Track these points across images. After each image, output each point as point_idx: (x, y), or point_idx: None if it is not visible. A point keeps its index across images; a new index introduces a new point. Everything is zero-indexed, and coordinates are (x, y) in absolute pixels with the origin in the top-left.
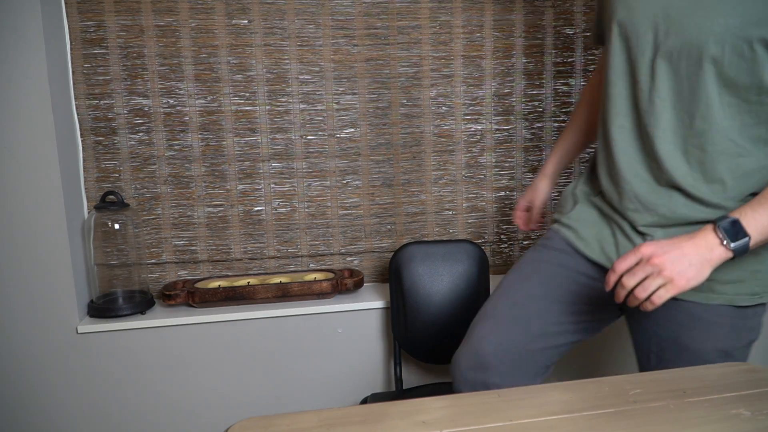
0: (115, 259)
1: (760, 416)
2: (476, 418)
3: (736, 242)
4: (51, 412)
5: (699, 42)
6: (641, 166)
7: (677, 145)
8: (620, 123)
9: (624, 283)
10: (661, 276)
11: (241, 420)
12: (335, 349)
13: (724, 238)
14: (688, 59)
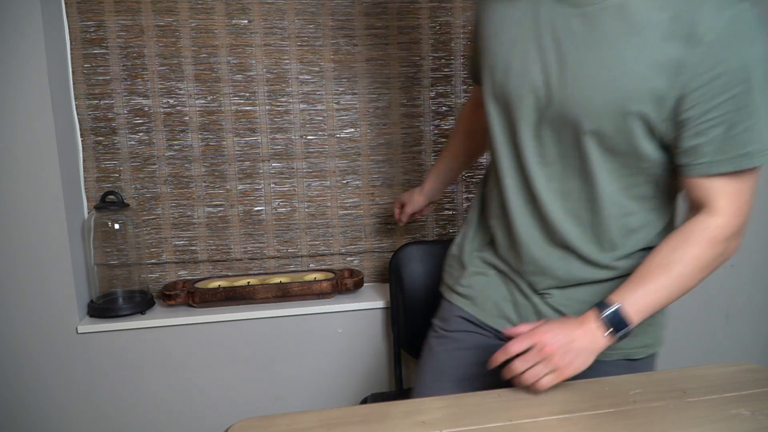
0: (115, 259)
1: (760, 416)
2: (476, 418)
3: (619, 332)
4: (51, 412)
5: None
6: (536, 230)
7: (567, 209)
8: (510, 184)
9: (514, 368)
10: (550, 364)
11: (241, 420)
12: (335, 349)
13: (608, 329)
14: (571, 129)
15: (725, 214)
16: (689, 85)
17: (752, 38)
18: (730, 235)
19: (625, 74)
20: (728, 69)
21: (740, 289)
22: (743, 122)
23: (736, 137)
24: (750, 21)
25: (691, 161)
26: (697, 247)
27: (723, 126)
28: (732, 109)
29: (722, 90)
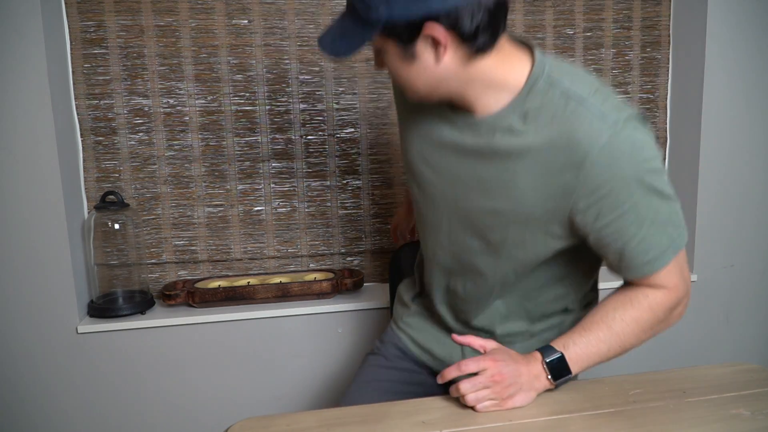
0: (115, 259)
1: (760, 416)
2: (476, 418)
3: (558, 380)
4: (51, 412)
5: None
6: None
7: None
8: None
9: (462, 388)
10: (494, 392)
11: (241, 420)
12: (335, 349)
13: (549, 374)
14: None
15: (664, 288)
16: (578, 206)
17: (630, 157)
18: (672, 305)
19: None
20: (611, 190)
21: (740, 289)
22: (636, 236)
23: (633, 250)
24: (627, 141)
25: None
26: (638, 310)
27: (619, 241)
28: (623, 225)
29: (610, 209)
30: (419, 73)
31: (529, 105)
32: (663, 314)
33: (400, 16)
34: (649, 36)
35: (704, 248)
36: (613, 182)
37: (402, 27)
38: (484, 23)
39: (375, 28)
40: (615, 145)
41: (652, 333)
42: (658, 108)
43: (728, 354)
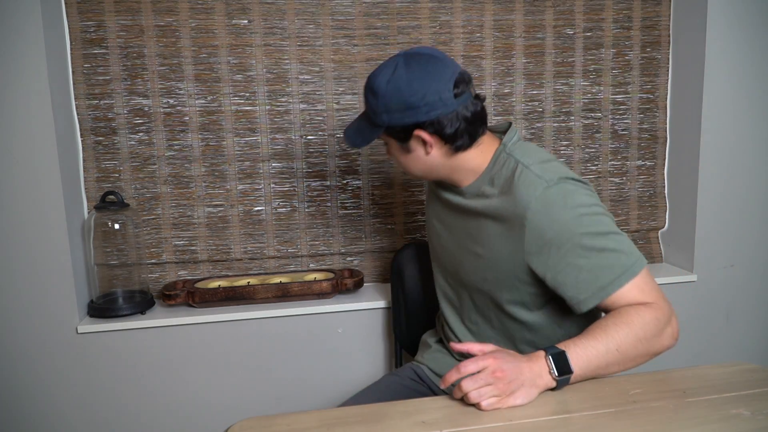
0: (115, 259)
1: (760, 416)
2: (476, 418)
3: (561, 376)
4: (51, 412)
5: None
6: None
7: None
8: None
9: (465, 386)
10: (497, 389)
11: (241, 420)
12: (335, 349)
13: (552, 369)
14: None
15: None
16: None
17: (563, 204)
18: (661, 319)
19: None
20: (554, 233)
21: (740, 289)
22: (584, 267)
23: (586, 280)
24: (558, 192)
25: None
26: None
27: (573, 273)
28: (570, 261)
29: (557, 249)
30: (415, 162)
31: (494, 172)
32: (655, 328)
33: (397, 123)
34: (649, 36)
35: (704, 248)
36: (553, 226)
37: (398, 130)
38: (461, 129)
39: (380, 129)
40: (548, 196)
41: (647, 348)
42: (658, 108)
43: (728, 354)
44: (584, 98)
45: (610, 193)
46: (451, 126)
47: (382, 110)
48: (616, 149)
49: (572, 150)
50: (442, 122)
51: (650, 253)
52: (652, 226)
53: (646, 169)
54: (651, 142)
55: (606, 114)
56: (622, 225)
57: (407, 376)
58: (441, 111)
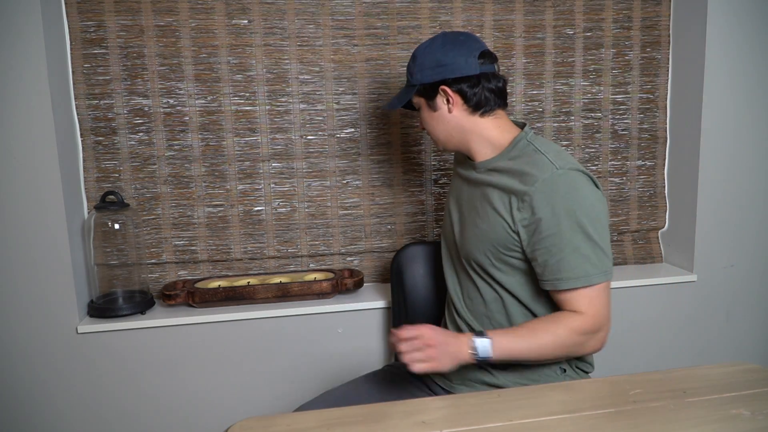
0: (115, 259)
1: (760, 416)
2: (476, 418)
3: (480, 358)
4: (51, 412)
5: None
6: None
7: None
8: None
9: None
10: (425, 355)
11: (241, 420)
12: (335, 349)
13: (473, 350)
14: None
15: (586, 313)
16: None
17: (566, 194)
18: (589, 330)
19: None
20: (546, 215)
21: (740, 289)
22: (555, 256)
23: (552, 266)
24: (566, 181)
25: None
26: (561, 329)
27: (544, 256)
28: (548, 245)
29: (540, 230)
30: (439, 121)
31: (513, 154)
32: (580, 337)
33: (427, 80)
34: (649, 36)
35: (704, 248)
36: (548, 209)
37: (427, 87)
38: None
39: (414, 89)
40: (555, 181)
41: (567, 351)
42: (658, 108)
43: (728, 354)
44: (584, 98)
45: (610, 193)
46: (472, 87)
47: (417, 70)
48: (616, 149)
49: (572, 150)
50: (464, 81)
51: (650, 253)
52: (652, 226)
53: (646, 169)
54: (651, 142)
55: (606, 114)
56: (622, 225)
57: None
58: (465, 72)
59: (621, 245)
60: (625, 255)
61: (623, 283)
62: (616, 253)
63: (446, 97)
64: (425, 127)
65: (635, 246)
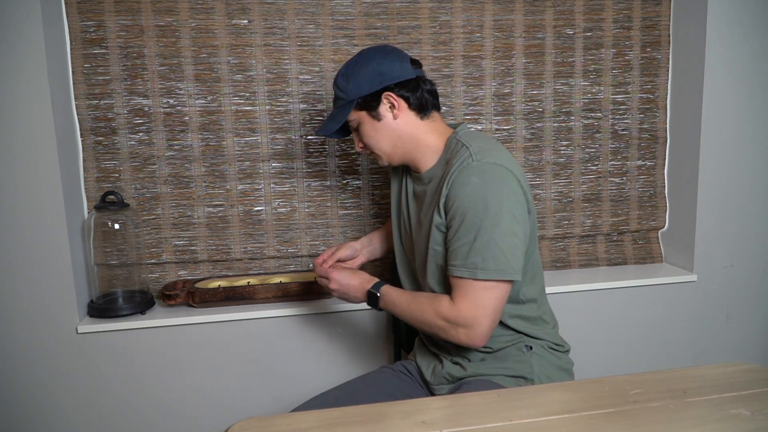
0: (115, 259)
1: (760, 416)
2: (476, 418)
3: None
4: (50, 412)
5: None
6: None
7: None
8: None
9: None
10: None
11: (241, 420)
12: (335, 349)
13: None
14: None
15: (456, 303)
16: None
17: (477, 185)
18: (452, 321)
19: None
20: (453, 204)
21: (740, 289)
22: (455, 243)
23: (450, 252)
24: (480, 173)
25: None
26: (429, 306)
27: (448, 242)
28: (452, 232)
29: (453, 215)
30: (384, 131)
31: (447, 156)
32: (441, 322)
33: (367, 91)
34: (649, 36)
35: (704, 248)
36: (460, 196)
37: (369, 98)
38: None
39: (351, 104)
40: (470, 170)
41: (432, 330)
42: (658, 108)
43: (728, 354)
44: (584, 98)
45: (610, 193)
46: (413, 91)
47: (352, 85)
48: (616, 149)
49: (572, 150)
50: (404, 86)
51: (650, 253)
52: (652, 226)
53: (646, 169)
54: (651, 142)
55: (606, 114)
56: (622, 225)
57: (399, 371)
58: (404, 76)
59: (621, 245)
60: (625, 255)
61: (623, 283)
62: (616, 253)
63: (390, 104)
64: (367, 143)
65: (635, 246)
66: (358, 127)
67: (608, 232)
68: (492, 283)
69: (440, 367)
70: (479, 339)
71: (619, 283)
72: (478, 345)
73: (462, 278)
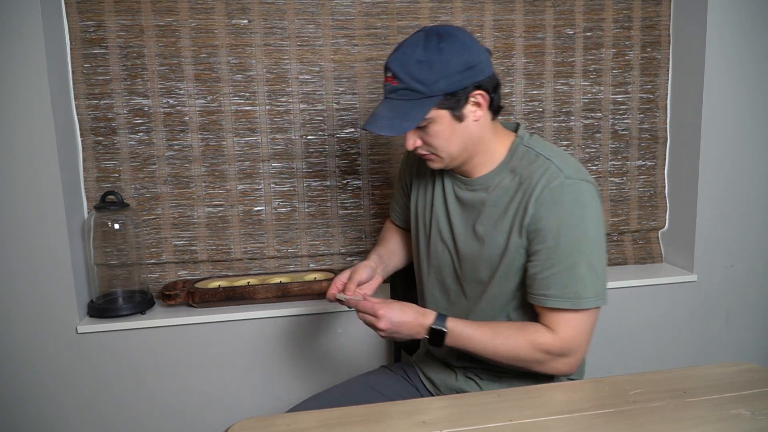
0: (115, 259)
1: (760, 416)
2: (476, 418)
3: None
4: (50, 412)
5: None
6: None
7: None
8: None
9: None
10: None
11: (241, 420)
12: (335, 349)
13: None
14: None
15: (558, 334)
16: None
17: (571, 206)
18: (555, 352)
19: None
20: (544, 226)
21: (740, 289)
22: (547, 270)
23: (541, 281)
24: (573, 192)
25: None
26: (522, 339)
27: (535, 269)
28: (542, 258)
29: (537, 241)
30: (461, 134)
31: (513, 164)
32: (541, 355)
33: (454, 87)
34: (649, 36)
35: (704, 248)
36: (551, 219)
37: (455, 96)
38: (499, 97)
39: (433, 101)
40: (564, 190)
41: (524, 364)
42: (658, 108)
43: (728, 354)
44: (584, 98)
45: (611, 193)
46: (496, 88)
47: (438, 78)
48: (616, 149)
49: (572, 150)
50: (491, 82)
51: (650, 253)
52: (652, 226)
53: (646, 169)
54: (651, 142)
55: (606, 114)
56: (622, 225)
57: (401, 375)
58: (489, 71)
59: (621, 245)
60: (625, 255)
61: (623, 283)
62: (615, 253)
63: (476, 103)
64: (432, 143)
65: (635, 246)
66: (427, 126)
67: (608, 232)
68: (592, 310)
69: (453, 380)
70: (576, 367)
71: (619, 283)
72: (573, 373)
73: (561, 310)
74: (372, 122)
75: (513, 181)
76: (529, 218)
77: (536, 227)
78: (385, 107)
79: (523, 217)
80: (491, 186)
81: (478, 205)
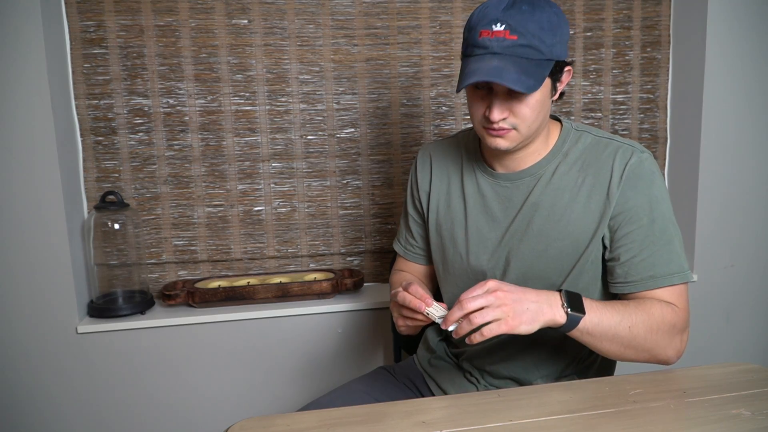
0: (115, 259)
1: (760, 416)
2: (476, 418)
3: (573, 312)
4: (50, 412)
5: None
6: None
7: None
8: None
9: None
10: (499, 309)
11: (241, 420)
12: (335, 349)
13: (565, 303)
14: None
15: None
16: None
17: (652, 180)
18: (677, 324)
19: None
20: (634, 205)
21: (740, 289)
22: (646, 250)
23: (639, 263)
24: (649, 166)
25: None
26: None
27: (630, 253)
28: (638, 238)
29: (630, 222)
30: (547, 108)
31: (566, 149)
32: (670, 329)
33: (563, 56)
34: (649, 36)
35: (704, 248)
36: (640, 197)
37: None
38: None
39: (551, 64)
40: (642, 165)
41: (655, 341)
42: (658, 108)
43: (728, 354)
44: (584, 98)
45: None
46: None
47: (556, 41)
48: None
49: None
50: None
51: None
52: None
53: None
54: (651, 142)
55: (606, 114)
56: None
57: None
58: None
59: None
60: None
61: None
62: None
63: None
64: (521, 114)
65: None
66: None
67: None
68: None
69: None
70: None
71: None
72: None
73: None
74: (495, 74)
75: (574, 167)
76: (615, 202)
77: (625, 208)
78: (500, 61)
79: (605, 205)
80: (544, 176)
81: (533, 200)
